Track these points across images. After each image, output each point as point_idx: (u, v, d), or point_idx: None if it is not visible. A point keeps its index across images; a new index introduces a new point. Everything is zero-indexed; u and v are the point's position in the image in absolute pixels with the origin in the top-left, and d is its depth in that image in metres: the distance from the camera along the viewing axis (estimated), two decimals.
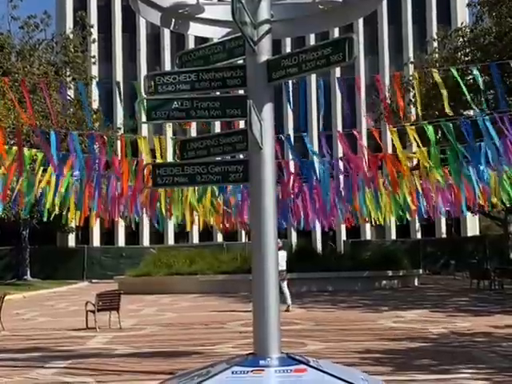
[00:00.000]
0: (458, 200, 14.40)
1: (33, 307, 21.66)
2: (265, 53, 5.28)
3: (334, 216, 15.13)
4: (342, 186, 13.76)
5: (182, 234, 49.68)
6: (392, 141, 11.99)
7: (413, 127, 12.17)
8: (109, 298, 15.46)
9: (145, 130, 37.27)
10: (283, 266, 18.14)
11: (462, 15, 48.48)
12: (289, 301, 17.96)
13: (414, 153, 13.00)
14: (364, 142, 15.63)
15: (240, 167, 5.37)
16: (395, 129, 12.19)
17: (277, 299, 5.15)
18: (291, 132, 42.77)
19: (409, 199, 13.51)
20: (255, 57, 5.27)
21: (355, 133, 12.66)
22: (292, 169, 13.34)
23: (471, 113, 28.66)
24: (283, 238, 23.43)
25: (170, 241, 48.51)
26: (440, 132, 12.86)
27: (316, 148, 33.53)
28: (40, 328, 15.54)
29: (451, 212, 15.67)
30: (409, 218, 16.24)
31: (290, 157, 13.30)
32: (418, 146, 11.90)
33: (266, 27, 5.27)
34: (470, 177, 12.67)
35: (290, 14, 5.86)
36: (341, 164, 13.76)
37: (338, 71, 43.24)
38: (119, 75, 50.54)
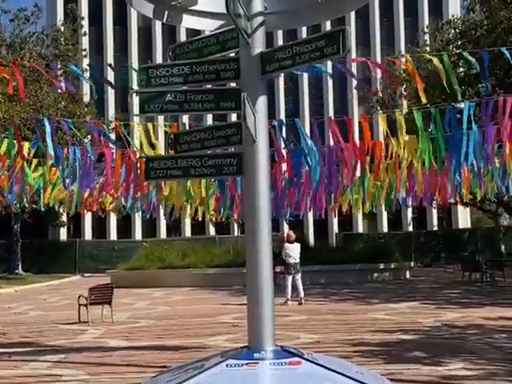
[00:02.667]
0: (444, 189, 14.59)
1: (25, 301, 21.62)
2: (258, 45, 5.26)
3: (323, 203, 15.20)
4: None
5: (174, 227, 49.70)
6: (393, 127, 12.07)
7: (402, 114, 12.26)
8: (101, 292, 15.43)
9: (136, 119, 37.21)
10: (297, 258, 18.27)
11: (454, 8, 48.55)
12: (289, 295, 18.01)
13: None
14: (355, 129, 15.75)
15: (234, 160, 5.35)
16: (384, 115, 12.29)
17: (271, 292, 5.14)
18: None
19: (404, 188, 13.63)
20: (249, 49, 5.25)
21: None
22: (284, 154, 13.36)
23: (462, 105, 28.74)
24: (274, 232, 23.44)
25: (162, 234, 48.53)
26: (431, 123, 12.92)
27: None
28: (32, 322, 15.51)
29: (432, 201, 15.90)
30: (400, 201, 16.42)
31: (282, 145, 13.29)
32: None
33: (259, 19, 5.25)
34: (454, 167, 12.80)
35: (283, 6, 5.83)
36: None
37: (329, 63, 43.23)
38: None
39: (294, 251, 18.32)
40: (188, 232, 48.95)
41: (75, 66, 13.76)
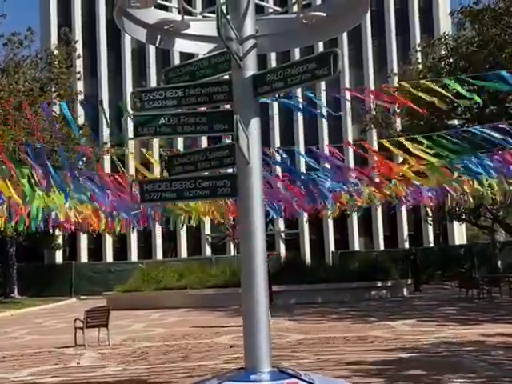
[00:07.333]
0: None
1: (21, 325, 21.49)
2: (250, 68, 5.31)
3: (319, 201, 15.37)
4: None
5: (170, 248, 49.59)
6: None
7: (399, 138, 12.32)
8: (97, 315, 15.36)
9: (131, 143, 37.34)
10: None
11: (445, 26, 48.90)
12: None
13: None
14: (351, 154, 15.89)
15: (228, 181, 5.38)
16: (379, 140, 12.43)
17: (267, 313, 5.14)
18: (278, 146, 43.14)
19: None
20: (241, 72, 5.30)
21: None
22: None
23: (455, 122, 28.86)
24: (272, 250, 23.39)
25: (159, 255, 48.36)
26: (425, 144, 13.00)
27: (303, 161, 33.77)
28: (28, 346, 15.40)
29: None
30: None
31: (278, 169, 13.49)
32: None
33: (251, 42, 5.31)
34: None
35: (274, 28, 5.89)
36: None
37: (322, 84, 43.53)
38: (104, 91, 50.54)
39: None
40: (184, 253, 48.83)
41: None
